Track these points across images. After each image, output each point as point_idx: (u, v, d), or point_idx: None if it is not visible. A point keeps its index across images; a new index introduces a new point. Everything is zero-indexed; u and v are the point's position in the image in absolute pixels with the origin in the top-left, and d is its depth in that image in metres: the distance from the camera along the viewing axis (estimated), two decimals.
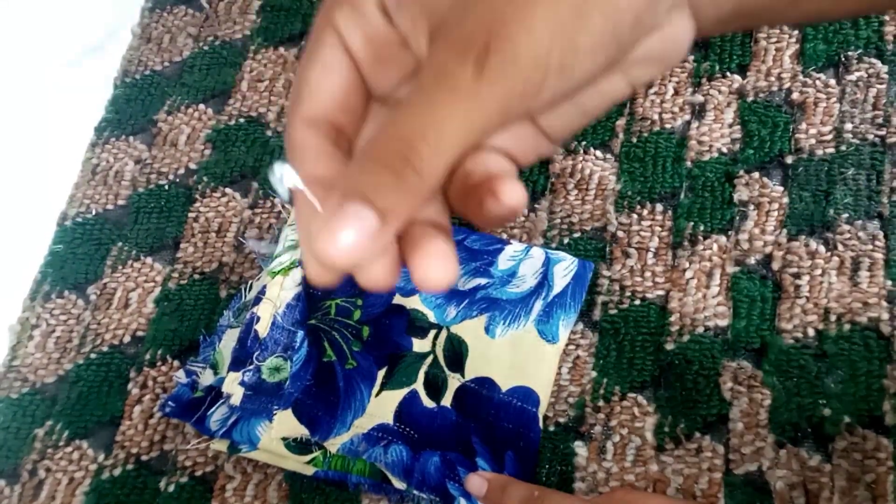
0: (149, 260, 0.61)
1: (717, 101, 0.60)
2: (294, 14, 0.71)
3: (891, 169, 0.56)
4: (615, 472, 0.50)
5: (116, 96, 0.69)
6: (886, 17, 0.61)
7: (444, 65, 0.23)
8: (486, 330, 0.53)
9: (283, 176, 0.24)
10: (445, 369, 0.53)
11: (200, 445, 0.54)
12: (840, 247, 0.54)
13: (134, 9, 0.73)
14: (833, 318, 0.52)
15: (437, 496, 0.49)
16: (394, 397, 0.52)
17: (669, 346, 0.53)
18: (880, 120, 0.57)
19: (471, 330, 0.53)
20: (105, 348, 0.58)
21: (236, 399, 0.51)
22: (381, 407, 0.52)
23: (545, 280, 0.53)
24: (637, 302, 0.55)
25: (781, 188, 0.56)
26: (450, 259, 0.25)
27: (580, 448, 0.51)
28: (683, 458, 0.50)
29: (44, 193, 0.65)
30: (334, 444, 0.51)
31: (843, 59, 0.60)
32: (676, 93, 0.61)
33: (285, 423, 0.51)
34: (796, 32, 0.61)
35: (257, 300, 0.54)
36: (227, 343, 0.54)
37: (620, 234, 0.57)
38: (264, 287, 0.54)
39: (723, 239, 0.55)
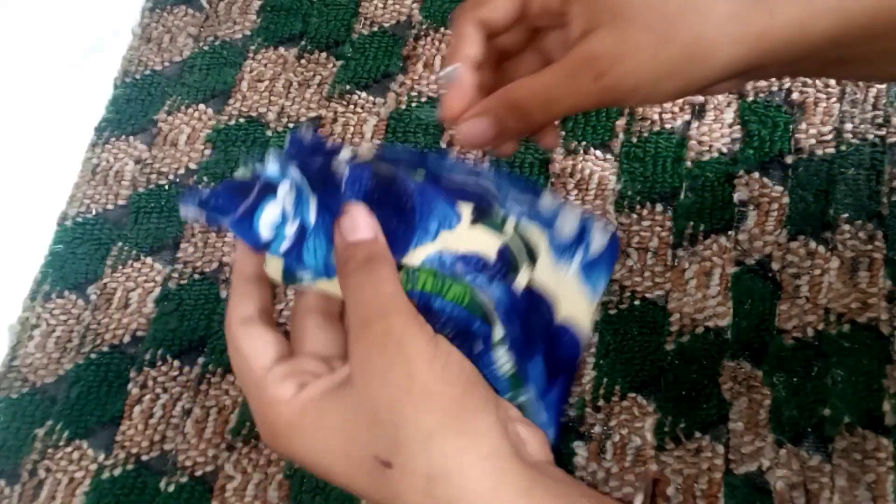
0: (149, 260, 0.61)
1: (717, 100, 0.60)
2: (294, 14, 0.71)
3: (891, 169, 0.56)
4: (615, 472, 0.50)
5: (117, 96, 0.69)
6: None
7: (577, 68, 0.37)
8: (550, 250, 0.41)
9: (450, 70, 0.39)
10: (519, 253, 0.39)
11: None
12: (840, 247, 0.54)
13: (134, 9, 0.73)
14: (833, 318, 0.52)
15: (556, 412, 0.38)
16: (493, 238, 0.38)
17: (669, 346, 0.53)
18: (880, 120, 0.57)
19: (537, 237, 0.41)
20: (105, 348, 0.58)
21: (289, 202, 0.36)
22: (479, 241, 0.37)
23: (584, 237, 0.42)
24: (637, 302, 0.55)
25: (781, 188, 0.56)
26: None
27: (580, 448, 0.51)
28: (683, 458, 0.50)
29: (44, 193, 0.65)
30: (417, 257, 0.36)
31: None
32: None
33: None
34: None
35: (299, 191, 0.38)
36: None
37: (620, 234, 0.57)
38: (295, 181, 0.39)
39: (723, 239, 0.55)
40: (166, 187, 0.64)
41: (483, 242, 0.37)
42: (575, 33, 0.38)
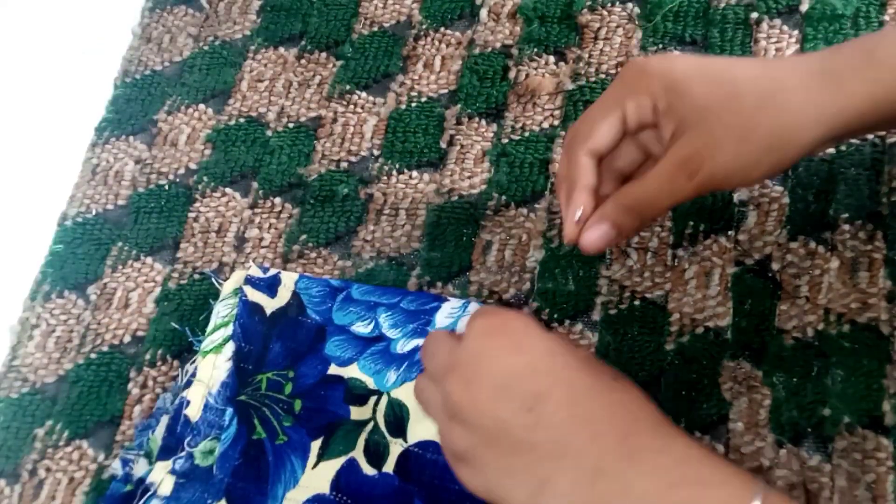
0: (149, 260, 0.61)
1: None
2: (294, 14, 0.71)
3: (890, 169, 0.56)
4: None
5: (116, 96, 0.69)
6: (886, 17, 0.61)
7: (673, 172, 0.43)
8: None
9: (578, 215, 0.47)
10: (387, 435, 0.51)
11: None
12: (840, 247, 0.54)
13: (134, 9, 0.73)
14: (833, 318, 0.52)
15: None
16: (331, 467, 0.50)
17: (669, 346, 0.53)
18: None
19: (412, 393, 0.50)
20: (105, 348, 0.58)
21: (166, 489, 0.50)
22: (317, 478, 0.50)
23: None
24: (637, 302, 0.55)
25: (781, 188, 0.56)
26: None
27: None
28: None
29: (44, 193, 0.65)
30: None
31: None
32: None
33: None
34: (796, 32, 0.61)
35: (188, 383, 0.54)
36: (162, 429, 0.53)
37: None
38: (195, 369, 0.54)
39: (723, 239, 0.55)
40: (166, 187, 0.64)
41: (326, 476, 0.50)
42: (666, 136, 0.45)
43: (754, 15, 0.63)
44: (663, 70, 0.44)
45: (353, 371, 0.53)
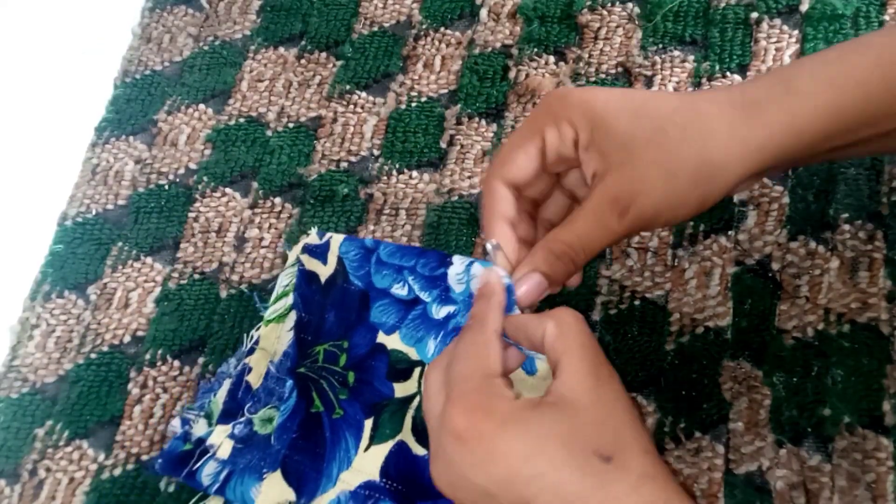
0: (149, 260, 0.61)
1: None
2: (294, 14, 0.71)
3: (890, 169, 0.56)
4: None
5: (116, 96, 0.69)
6: (886, 17, 0.61)
7: (601, 212, 0.42)
8: None
9: (493, 245, 0.45)
10: None
11: None
12: (840, 246, 0.54)
13: (134, 9, 0.73)
14: (833, 317, 0.52)
15: None
16: (380, 452, 0.49)
17: (669, 346, 0.53)
18: None
19: None
20: (105, 348, 0.58)
21: (224, 452, 0.50)
22: (369, 462, 0.49)
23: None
24: (637, 302, 0.55)
25: (781, 188, 0.56)
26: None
27: None
28: (683, 458, 0.50)
29: (44, 193, 0.65)
30: (322, 503, 0.49)
31: None
32: (675, 90, 0.61)
33: (274, 487, 0.49)
34: (796, 32, 0.61)
35: (251, 350, 0.53)
36: (224, 393, 0.53)
37: None
38: (258, 337, 0.54)
39: (723, 239, 0.55)
40: (166, 187, 0.64)
41: (376, 461, 0.49)
42: (588, 173, 0.43)
43: (754, 15, 0.63)
44: (585, 101, 0.43)
45: (395, 342, 0.51)
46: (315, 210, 0.61)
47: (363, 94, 0.66)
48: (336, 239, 0.53)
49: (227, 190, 0.63)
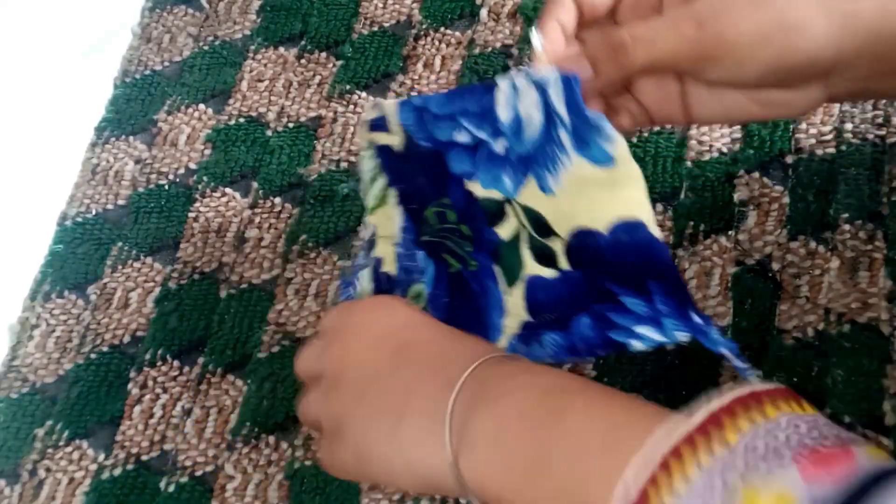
0: (149, 260, 0.61)
1: None
2: (294, 14, 0.71)
3: (891, 169, 0.56)
4: None
5: (116, 96, 0.69)
6: None
7: (681, 17, 0.38)
8: (542, 189, 0.47)
9: (536, 35, 0.41)
10: (541, 239, 0.48)
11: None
12: (840, 246, 0.54)
13: (134, 8, 0.73)
14: (833, 317, 0.52)
15: (610, 350, 0.45)
16: (518, 294, 0.48)
17: (670, 347, 0.53)
18: (880, 120, 0.57)
19: (531, 196, 0.48)
20: (105, 348, 0.58)
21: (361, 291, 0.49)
22: (514, 305, 0.48)
23: (549, 109, 0.46)
24: None
25: (782, 188, 0.56)
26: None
27: None
28: None
29: (44, 193, 0.65)
30: (500, 348, 0.47)
31: None
32: None
33: None
34: None
35: (371, 244, 0.51)
36: (365, 286, 0.50)
37: None
38: (373, 227, 0.51)
39: (723, 239, 0.55)
40: (166, 187, 0.64)
41: (520, 303, 0.47)
42: (671, 9, 0.40)
43: None
44: None
45: (478, 188, 0.49)
46: (315, 210, 0.61)
47: (363, 94, 0.66)
48: (389, 105, 0.51)
49: (227, 190, 0.63)
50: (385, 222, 0.51)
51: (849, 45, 0.39)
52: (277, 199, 0.62)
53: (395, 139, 0.51)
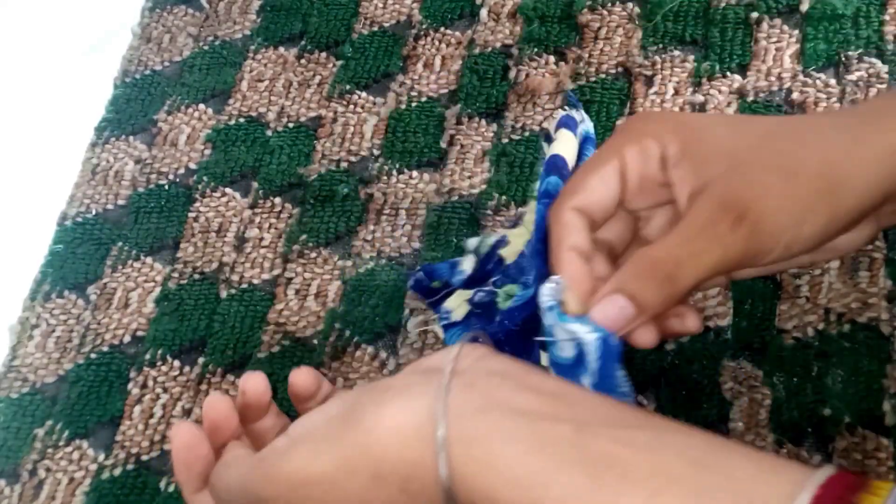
0: (149, 260, 0.61)
1: (717, 100, 0.60)
2: (294, 14, 0.71)
3: None
4: None
5: (116, 96, 0.69)
6: (886, 17, 0.60)
7: (709, 216, 0.33)
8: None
9: (558, 283, 0.35)
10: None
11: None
12: None
13: (134, 8, 0.73)
14: (833, 317, 0.52)
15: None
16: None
17: (670, 346, 0.53)
18: None
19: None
20: (105, 348, 0.58)
21: (458, 315, 0.46)
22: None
23: (582, 357, 0.39)
24: None
25: None
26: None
27: None
28: None
29: (44, 193, 0.65)
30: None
31: (843, 58, 0.59)
32: (676, 93, 0.61)
33: None
34: (797, 32, 0.61)
35: (514, 223, 0.48)
36: (470, 260, 0.48)
37: None
38: (524, 213, 0.48)
39: None
40: (166, 187, 0.64)
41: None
42: (683, 198, 0.35)
43: (754, 14, 0.63)
44: (673, 115, 0.38)
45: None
46: (315, 210, 0.61)
47: (363, 94, 0.66)
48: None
49: (227, 190, 0.63)
50: (533, 217, 0.46)
51: (894, 183, 0.35)
52: (277, 199, 0.62)
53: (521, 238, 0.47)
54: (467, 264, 0.48)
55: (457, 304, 0.47)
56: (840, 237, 0.36)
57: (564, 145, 0.44)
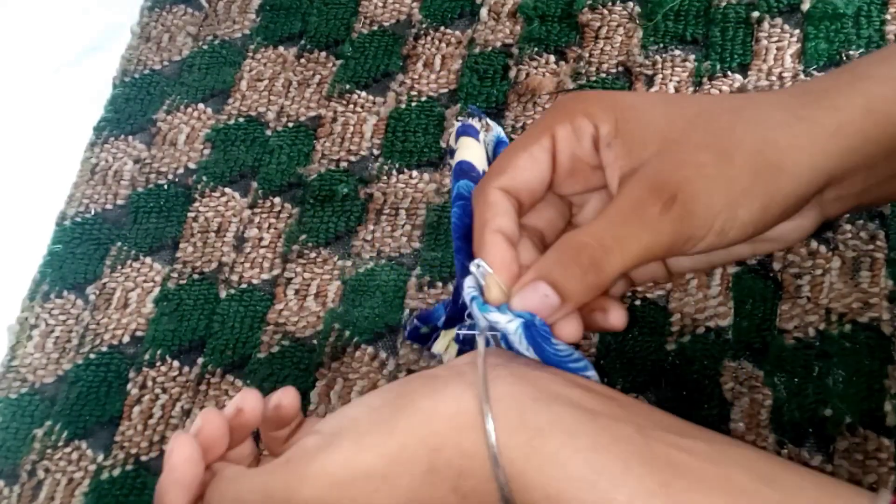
0: (148, 260, 0.61)
1: None
2: (294, 13, 0.70)
3: None
4: None
5: (115, 96, 0.69)
6: (887, 17, 0.60)
7: (639, 199, 0.31)
8: None
9: (480, 265, 0.33)
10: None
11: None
12: (841, 246, 0.54)
13: (133, 8, 0.73)
14: (834, 318, 0.52)
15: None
16: None
17: (670, 347, 0.53)
18: None
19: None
20: (104, 348, 0.58)
21: (451, 356, 0.47)
22: None
23: (511, 347, 0.37)
24: (637, 302, 0.54)
25: None
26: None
27: None
28: None
29: (43, 193, 0.65)
30: None
31: (844, 58, 0.59)
32: (677, 92, 0.61)
33: None
34: (797, 31, 0.61)
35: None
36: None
37: None
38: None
39: None
40: (165, 187, 0.64)
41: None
42: (615, 178, 0.33)
43: (755, 14, 0.62)
44: (606, 94, 0.34)
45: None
46: (315, 210, 0.61)
47: (363, 94, 0.66)
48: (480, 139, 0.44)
49: (227, 190, 0.63)
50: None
51: (838, 165, 0.33)
52: (277, 199, 0.62)
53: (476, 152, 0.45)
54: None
55: (444, 346, 0.48)
56: (780, 226, 0.35)
57: (469, 150, 0.42)
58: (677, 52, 0.63)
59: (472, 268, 0.33)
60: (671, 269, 0.38)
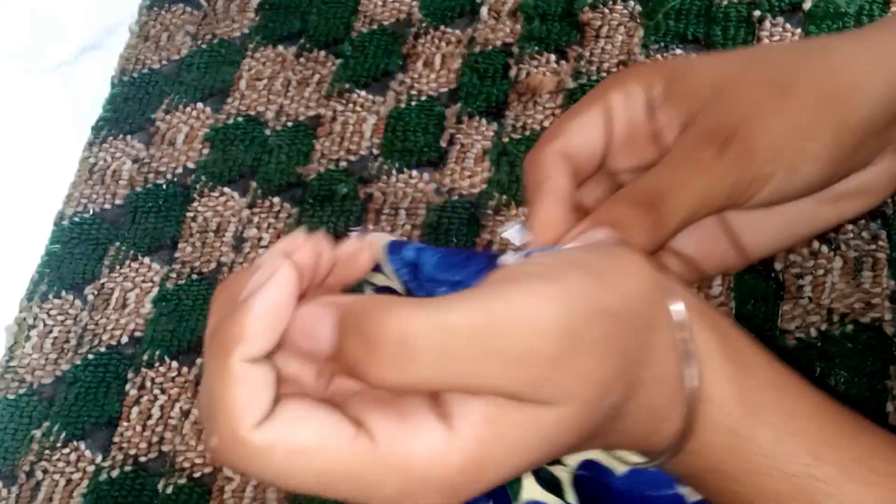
0: (147, 260, 0.61)
1: None
2: (293, 12, 0.70)
3: None
4: None
5: (114, 95, 0.69)
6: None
7: (692, 145, 0.30)
8: None
9: (518, 229, 0.31)
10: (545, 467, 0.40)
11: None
12: (843, 247, 0.53)
13: (132, 6, 0.73)
14: (836, 318, 0.52)
15: None
16: None
17: None
18: None
19: None
20: (103, 349, 0.58)
21: None
22: None
23: None
24: None
25: None
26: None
27: None
28: None
29: (41, 193, 0.65)
30: None
31: None
32: None
33: None
34: (799, 31, 0.61)
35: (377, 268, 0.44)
36: None
37: None
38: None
39: None
40: (164, 186, 0.64)
41: None
42: (670, 133, 0.32)
43: (756, 13, 0.62)
44: (659, 62, 0.36)
45: None
46: (314, 210, 0.61)
47: (362, 93, 0.65)
48: (376, 245, 0.40)
49: (226, 189, 0.63)
50: None
51: None
52: (276, 199, 0.62)
53: (395, 284, 0.42)
54: None
55: None
56: (863, 173, 0.33)
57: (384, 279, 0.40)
58: (678, 51, 0.62)
59: (514, 226, 0.31)
60: (746, 247, 0.35)
